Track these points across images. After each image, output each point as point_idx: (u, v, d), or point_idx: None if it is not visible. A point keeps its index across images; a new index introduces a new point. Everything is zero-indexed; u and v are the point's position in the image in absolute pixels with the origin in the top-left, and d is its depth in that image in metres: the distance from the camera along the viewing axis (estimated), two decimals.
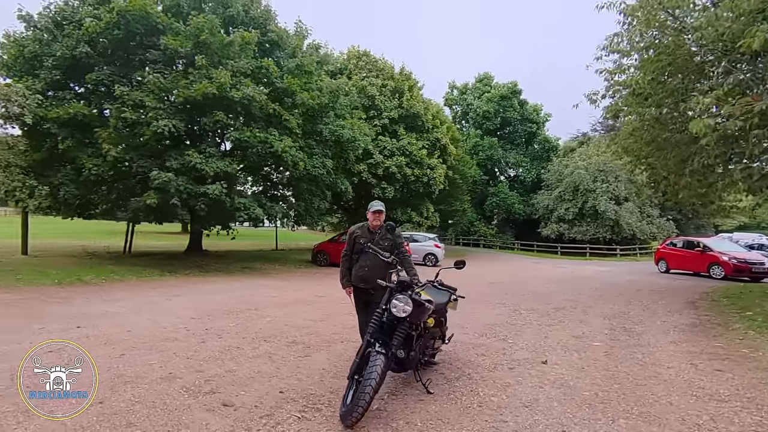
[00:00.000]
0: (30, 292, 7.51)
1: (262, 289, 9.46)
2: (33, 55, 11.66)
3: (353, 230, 4.22)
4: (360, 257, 4.09)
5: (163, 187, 10.58)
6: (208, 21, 11.47)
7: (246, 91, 11.39)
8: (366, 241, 4.05)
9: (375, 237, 4.09)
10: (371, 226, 4.12)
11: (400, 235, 4.24)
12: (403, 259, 4.16)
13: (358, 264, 4.09)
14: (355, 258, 4.12)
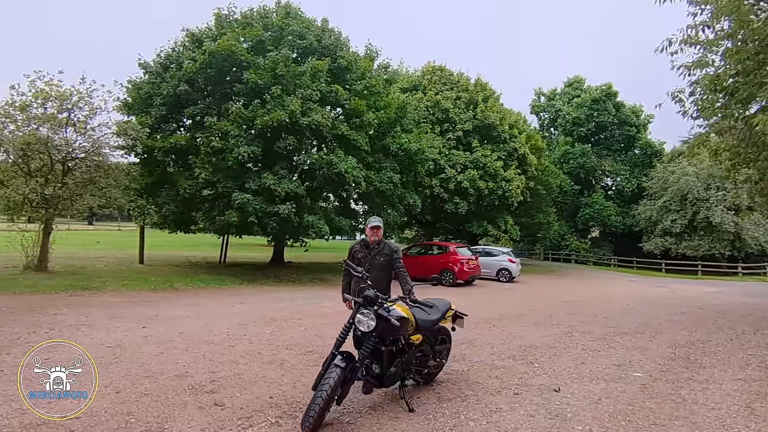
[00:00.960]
0: (128, 296, 8.95)
1: (321, 299, 10.02)
2: (147, 95, 13.91)
3: (353, 245, 4.41)
4: None
5: (242, 206, 11.83)
6: (283, 56, 12.65)
7: (314, 116, 12.31)
8: (363, 257, 4.22)
9: (372, 252, 4.24)
10: (369, 241, 4.26)
11: (397, 250, 4.34)
12: (399, 273, 4.28)
13: (356, 279, 4.17)
14: None
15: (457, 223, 22.72)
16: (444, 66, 23.16)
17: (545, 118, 35.01)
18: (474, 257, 15.40)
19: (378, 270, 4.20)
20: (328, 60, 14.28)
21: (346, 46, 15.94)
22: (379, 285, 4.16)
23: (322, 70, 13.25)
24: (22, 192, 10.29)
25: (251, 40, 14.31)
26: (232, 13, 15.26)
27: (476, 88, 21.94)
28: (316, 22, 15.92)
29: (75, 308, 7.18)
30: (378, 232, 4.25)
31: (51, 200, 11.30)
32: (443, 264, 14.83)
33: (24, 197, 10.33)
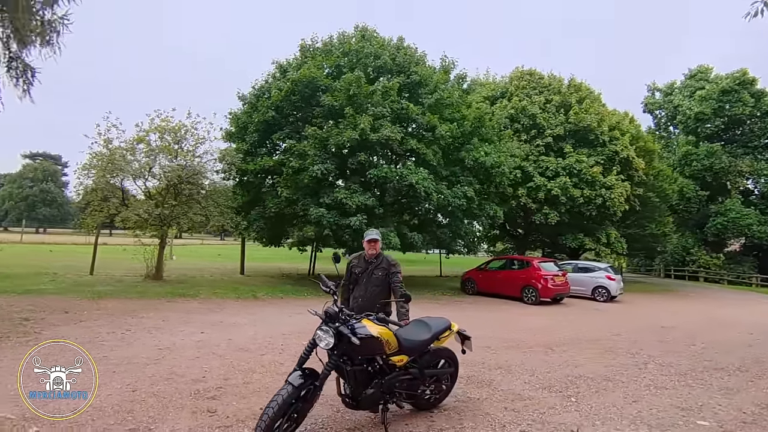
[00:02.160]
0: (212, 303, 10.05)
1: None
2: (244, 124, 15.62)
3: (351, 259, 4.36)
4: (355, 288, 4.20)
5: (318, 221, 12.56)
6: (355, 77, 13.25)
7: (384, 132, 12.62)
8: (361, 271, 4.17)
9: (370, 266, 4.17)
10: (367, 255, 4.21)
11: (395, 264, 4.23)
12: (394, 289, 4.15)
13: (353, 294, 4.19)
14: (352, 288, 4.24)
15: (550, 235, 21.09)
16: (534, 70, 21.93)
17: (661, 116, 30.86)
18: (561, 273, 14.12)
19: (376, 284, 4.13)
20: (401, 77, 14.60)
21: (421, 61, 16.11)
22: (376, 299, 4.12)
23: (393, 88, 13.54)
24: (142, 212, 12.23)
25: (331, 66, 15.26)
26: (314, 42, 16.47)
27: (569, 90, 20.33)
28: (393, 41, 16.39)
29: (161, 312, 8.31)
30: (375, 245, 4.18)
31: (163, 218, 13.28)
32: (525, 280, 13.86)
33: (142, 216, 12.27)
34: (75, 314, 7.63)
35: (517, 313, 11.57)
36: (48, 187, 61.69)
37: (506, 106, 20.04)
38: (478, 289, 15.24)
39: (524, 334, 8.26)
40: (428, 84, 14.89)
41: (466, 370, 5.34)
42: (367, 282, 4.13)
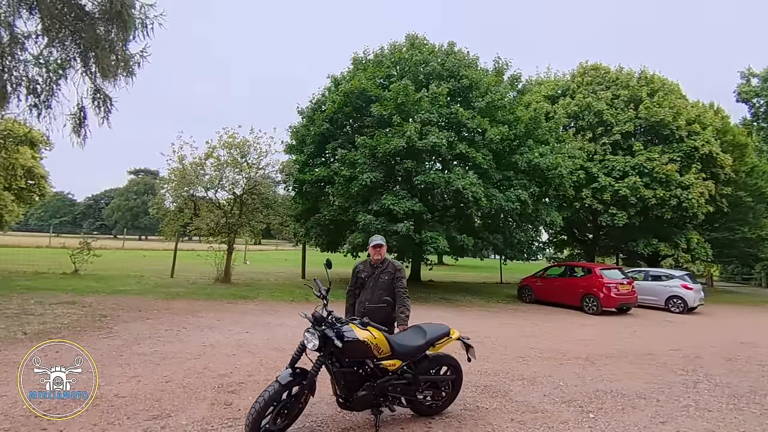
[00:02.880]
0: (267, 305, 10.79)
1: (429, 319, 10.10)
2: (302, 136, 16.54)
3: (357, 265, 4.47)
4: (362, 292, 4.30)
5: (366, 227, 12.93)
6: (402, 86, 13.48)
7: (431, 138, 12.69)
8: (367, 276, 4.29)
9: (376, 271, 4.29)
10: (372, 261, 4.33)
11: (400, 269, 4.35)
12: (398, 294, 4.25)
13: (359, 299, 4.28)
14: (357, 293, 4.35)
15: (621, 240, 19.57)
16: (599, 64, 20.63)
17: (760, 104, 27.21)
18: (627, 281, 13.11)
19: (382, 289, 4.23)
20: (452, 82, 14.57)
21: (473, 64, 15.94)
22: (382, 305, 4.24)
23: (442, 93, 13.57)
24: (209, 221, 13.46)
25: (382, 76, 15.64)
26: (366, 55, 16.99)
27: (639, 84, 18.82)
28: (444, 47, 16.43)
29: (219, 313, 9.12)
30: (381, 250, 4.30)
31: (231, 227, 14.47)
32: (585, 288, 13.07)
33: (209, 225, 13.49)
34: (146, 312, 8.65)
35: (572, 323, 10.97)
36: (147, 199, 69.49)
37: (569, 104, 19.05)
38: (535, 297, 14.64)
39: (570, 345, 7.87)
40: (479, 87, 14.70)
41: (485, 380, 5.29)
42: (373, 286, 4.24)
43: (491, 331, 8.91)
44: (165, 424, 3.53)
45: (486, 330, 9.07)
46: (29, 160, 12.76)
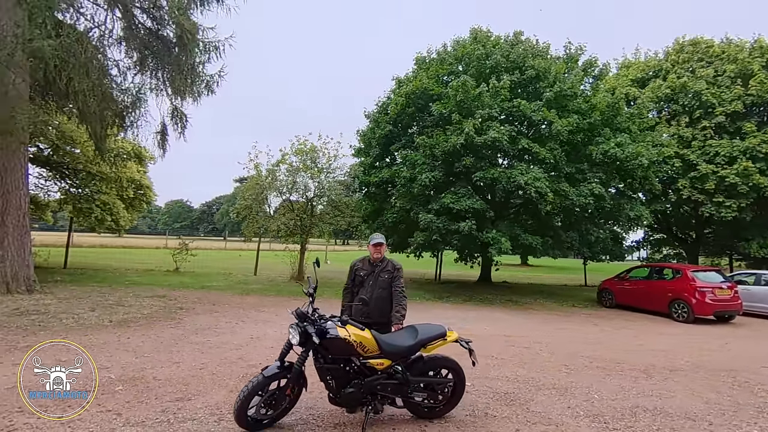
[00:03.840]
0: (327, 302, 11.08)
1: (488, 322, 9.79)
2: (368, 140, 17.00)
3: (354, 263, 4.47)
4: (360, 290, 4.28)
5: (427, 227, 12.90)
6: (461, 82, 13.20)
7: (490, 134, 12.25)
8: (366, 274, 4.31)
9: (376, 269, 4.31)
10: (372, 259, 4.35)
11: (399, 268, 4.36)
12: (395, 293, 4.25)
13: (357, 297, 4.27)
14: (356, 291, 4.34)
15: (729, 238, 16.91)
16: (700, 38, 18.04)
17: None
18: (728, 285, 11.34)
19: (382, 288, 4.25)
20: (516, 74, 13.92)
21: (543, 53, 15.05)
22: (382, 303, 4.26)
23: (504, 86, 13.02)
24: (281, 224, 14.49)
25: (444, 73, 15.46)
26: (430, 54, 16.89)
27: (752, 55, 16.09)
28: (509, 37, 15.74)
29: (280, 308, 9.80)
30: (381, 249, 4.31)
31: (303, 228, 15.42)
32: (675, 292, 11.56)
33: (281, 228, 14.52)
34: (218, 306, 9.63)
35: (650, 332, 9.81)
36: None
37: (659, 87, 16.99)
38: (616, 302, 13.32)
39: (634, 355, 7.09)
40: (547, 77, 13.81)
41: (509, 386, 5.04)
42: (373, 284, 4.25)
43: (546, 336, 8.36)
44: (182, 406, 3.97)
45: (541, 334, 8.54)
46: (135, 173, 14.96)
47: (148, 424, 3.55)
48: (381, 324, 4.20)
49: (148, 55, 10.51)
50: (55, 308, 7.70)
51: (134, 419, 3.62)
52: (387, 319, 4.25)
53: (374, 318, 4.21)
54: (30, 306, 7.58)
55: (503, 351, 6.81)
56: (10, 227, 8.23)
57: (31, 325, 6.64)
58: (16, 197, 8.34)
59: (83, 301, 8.55)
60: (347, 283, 4.44)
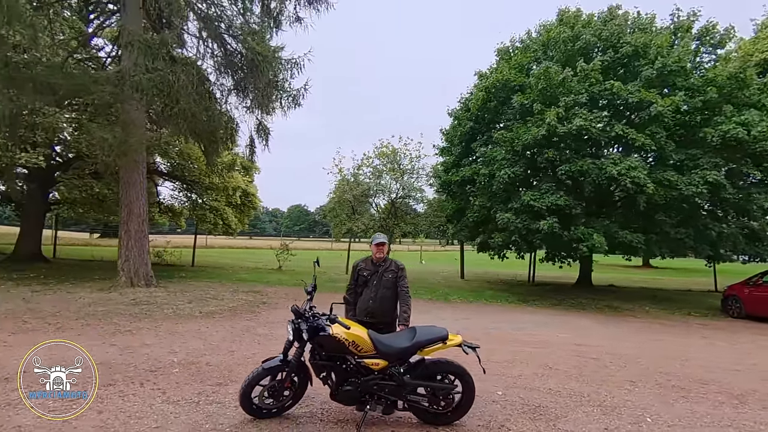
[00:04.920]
0: None
1: (558, 329, 8.98)
2: (451, 138, 16.74)
3: (357, 263, 4.46)
4: (364, 290, 4.29)
5: (506, 226, 12.27)
6: (543, 70, 12.30)
7: (576, 122, 11.21)
8: (370, 274, 4.31)
9: (380, 269, 4.30)
10: (374, 259, 4.33)
11: (403, 268, 4.34)
12: (401, 294, 4.27)
13: (363, 297, 4.27)
14: (360, 291, 4.34)
15: None
16: None
17: None
18: None
19: (387, 287, 4.25)
20: (609, 53, 12.53)
21: (647, 26, 13.27)
22: (386, 303, 4.29)
23: (594, 68, 11.80)
24: (360, 224, 15.08)
25: (529, 62, 14.53)
26: (513, 43, 16.00)
27: None
28: (603, 13, 14.16)
29: None
30: (383, 248, 4.30)
31: (385, 228, 15.84)
32: None
33: (359, 228, 15.09)
34: (299, 301, 10.36)
35: None
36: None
37: None
38: (746, 311, 11.11)
39: (732, 376, 5.90)
40: (646, 53, 12.13)
41: (545, 399, 4.63)
42: (378, 284, 4.26)
43: (629, 348, 7.38)
44: (216, 390, 4.46)
45: (624, 345, 7.56)
46: (240, 182, 16.92)
47: (180, 403, 4.08)
48: (385, 323, 4.22)
49: (239, 78, 11.84)
50: (162, 300, 9.14)
51: (173, 398, 4.19)
52: (391, 318, 4.26)
53: (379, 317, 4.25)
54: (143, 297, 9.11)
55: (564, 361, 6.22)
56: (132, 232, 10.00)
57: (139, 313, 8.01)
58: (137, 207, 10.10)
59: (186, 294, 9.98)
60: (350, 284, 4.47)
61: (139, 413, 3.77)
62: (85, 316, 7.61)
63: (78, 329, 6.73)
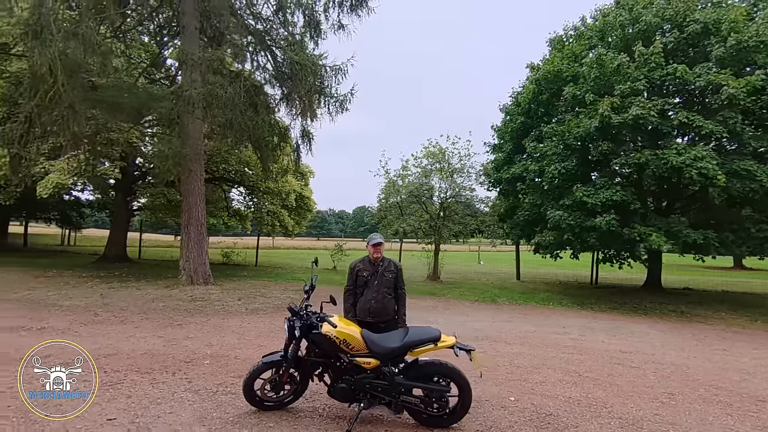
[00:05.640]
0: (447, 302, 11.34)
1: (606, 334, 8.32)
2: (502, 134, 16.22)
3: (354, 264, 4.50)
4: (365, 291, 4.35)
5: (556, 224, 11.64)
6: (596, 57, 11.53)
7: (632, 111, 10.38)
8: (370, 274, 4.35)
9: (379, 269, 4.35)
10: (372, 259, 4.39)
11: (401, 269, 4.47)
12: (399, 294, 4.41)
13: (364, 298, 4.32)
14: (360, 292, 4.39)
15: None
16: None
17: None
18: None
19: (387, 286, 4.32)
20: (673, 33, 11.46)
21: (714, 1, 11.92)
22: (388, 302, 4.36)
23: (655, 52, 10.84)
24: (406, 225, 15.09)
25: (583, 50, 13.67)
26: (567, 31, 15.13)
27: None
28: None
29: None
30: (380, 248, 4.35)
31: (434, 228, 15.73)
32: None
33: (407, 228, 15.09)
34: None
35: None
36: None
37: None
38: None
39: None
40: (718, 29, 10.88)
41: (561, 408, 4.39)
42: (378, 284, 4.31)
43: (682, 358, 6.69)
44: (236, 382, 4.73)
45: (678, 355, 6.86)
46: (295, 186, 17.74)
47: (200, 392, 4.43)
48: (386, 322, 4.30)
49: (288, 87, 12.44)
50: (215, 297, 9.89)
51: (195, 387, 4.57)
52: (392, 317, 4.33)
53: (381, 316, 4.32)
54: (199, 294, 9.92)
55: (598, 368, 5.81)
56: (192, 235, 10.92)
57: (192, 308, 8.75)
58: (196, 212, 11.01)
59: (239, 292, 10.70)
60: (349, 285, 4.51)
61: (160, 399, 4.17)
62: (147, 310, 8.47)
63: (137, 322, 7.51)
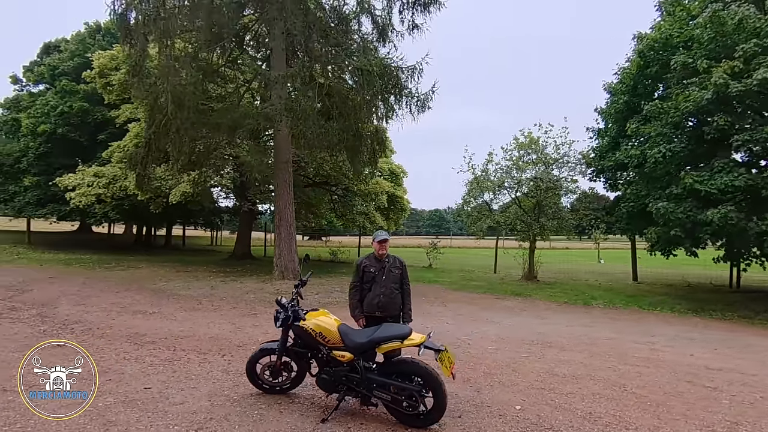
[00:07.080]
0: (530, 304, 10.65)
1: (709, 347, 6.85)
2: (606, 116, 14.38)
3: (361, 261, 4.54)
4: (373, 286, 4.40)
5: (663, 218, 10.02)
6: (712, 14, 9.61)
7: (758, 75, 8.47)
8: (376, 270, 4.42)
9: (386, 265, 4.42)
10: (378, 255, 4.45)
11: (406, 265, 4.55)
12: (404, 290, 4.50)
13: (372, 293, 4.39)
14: (367, 287, 4.45)
15: None
16: None
17: None
18: None
19: (394, 282, 4.41)
20: None
21: None
22: (395, 297, 4.45)
23: None
24: (490, 221, 14.41)
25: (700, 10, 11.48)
26: None
27: None
28: None
29: (464, 305, 10.11)
30: (386, 245, 4.43)
31: (527, 224, 14.77)
32: None
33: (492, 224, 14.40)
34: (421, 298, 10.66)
35: None
36: None
37: None
38: None
39: None
40: None
41: (569, 423, 3.92)
42: (386, 280, 4.38)
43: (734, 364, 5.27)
44: None
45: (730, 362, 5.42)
46: (386, 186, 18.33)
47: (231, 372, 5.04)
48: (393, 317, 4.44)
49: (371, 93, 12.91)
50: None
51: (217, 368, 5.12)
52: (399, 312, 4.46)
53: (390, 311, 4.42)
54: (286, 288, 11.01)
55: (657, 385, 4.94)
56: (283, 234, 12.16)
57: (272, 301, 9.79)
58: (286, 214, 12.23)
59: (320, 287, 11.57)
60: (355, 281, 4.55)
61: (196, 375, 4.86)
62: (239, 301, 9.76)
63: (225, 310, 8.74)
